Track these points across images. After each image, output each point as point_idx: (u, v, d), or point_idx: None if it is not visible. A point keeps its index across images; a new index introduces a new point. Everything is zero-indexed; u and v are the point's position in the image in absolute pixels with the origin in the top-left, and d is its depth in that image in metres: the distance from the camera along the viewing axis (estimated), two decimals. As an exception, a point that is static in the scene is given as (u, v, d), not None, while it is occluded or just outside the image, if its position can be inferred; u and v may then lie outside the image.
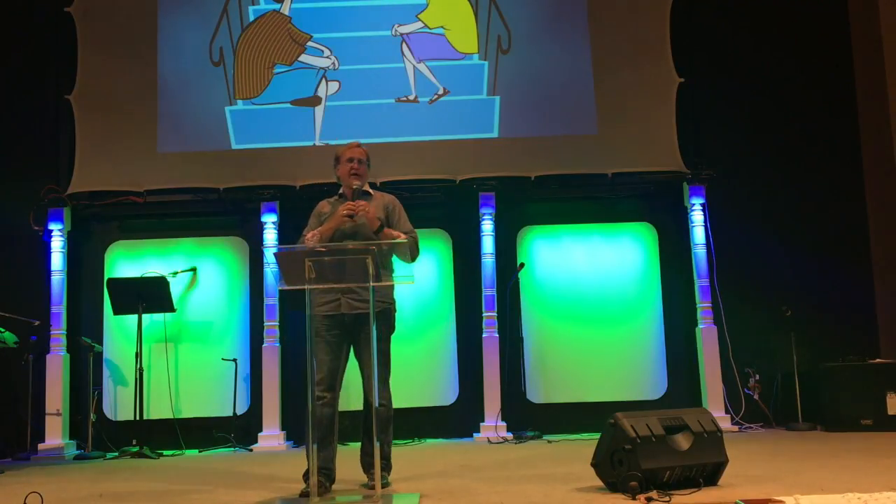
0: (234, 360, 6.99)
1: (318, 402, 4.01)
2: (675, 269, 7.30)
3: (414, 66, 7.34)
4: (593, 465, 3.71)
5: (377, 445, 3.65)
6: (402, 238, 4.08)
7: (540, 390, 7.16)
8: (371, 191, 4.39)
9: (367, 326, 3.98)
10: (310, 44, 7.37)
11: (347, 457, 4.75)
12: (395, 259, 4.32)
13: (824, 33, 7.60)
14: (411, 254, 4.21)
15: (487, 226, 7.06)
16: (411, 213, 4.48)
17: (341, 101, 7.29)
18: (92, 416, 6.76)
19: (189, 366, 7.14)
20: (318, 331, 4.08)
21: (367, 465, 4.20)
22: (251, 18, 7.40)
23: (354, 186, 4.22)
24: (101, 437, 6.77)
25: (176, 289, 7.02)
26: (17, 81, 7.49)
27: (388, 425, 4.16)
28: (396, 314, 4.32)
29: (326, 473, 4.04)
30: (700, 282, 7.00)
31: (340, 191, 4.36)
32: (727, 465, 3.76)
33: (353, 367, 4.32)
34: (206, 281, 7.28)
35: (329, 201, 4.36)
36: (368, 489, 4.02)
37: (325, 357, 4.09)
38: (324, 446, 4.05)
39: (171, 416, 6.95)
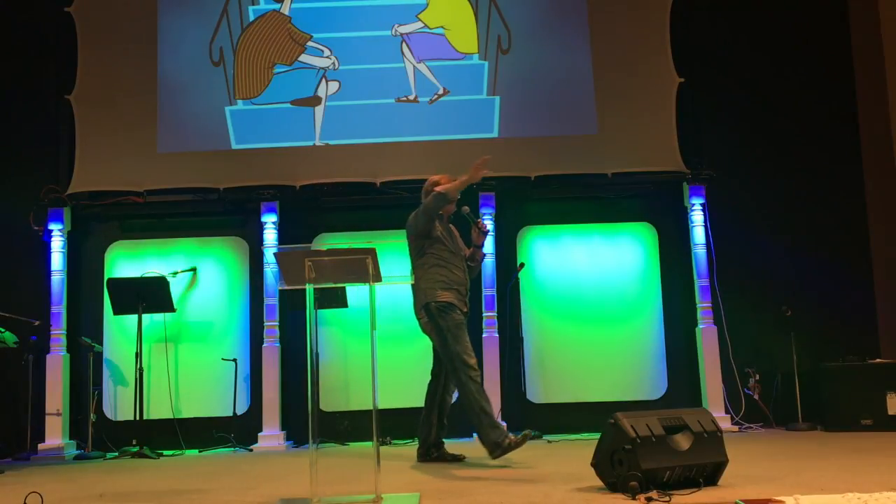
0: (234, 360, 6.99)
1: (478, 378, 5.04)
2: (675, 269, 7.29)
3: (414, 66, 7.34)
4: (593, 465, 3.71)
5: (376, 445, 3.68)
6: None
7: (540, 390, 7.16)
8: None
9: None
10: (310, 44, 7.37)
11: (348, 457, 4.75)
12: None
13: (824, 34, 7.59)
14: None
15: (487, 226, 7.05)
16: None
17: (341, 101, 7.29)
18: (92, 416, 6.76)
19: (189, 366, 7.14)
20: (459, 323, 5.13)
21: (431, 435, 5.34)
22: (251, 18, 7.40)
23: (464, 211, 5.44)
24: (101, 437, 6.77)
25: (176, 289, 7.01)
26: (17, 81, 7.49)
27: None
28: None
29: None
30: (700, 282, 7.00)
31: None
32: (727, 465, 3.76)
33: (352, 368, 4.32)
34: (206, 281, 7.28)
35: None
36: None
37: (470, 344, 5.07)
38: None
39: (171, 416, 6.95)
